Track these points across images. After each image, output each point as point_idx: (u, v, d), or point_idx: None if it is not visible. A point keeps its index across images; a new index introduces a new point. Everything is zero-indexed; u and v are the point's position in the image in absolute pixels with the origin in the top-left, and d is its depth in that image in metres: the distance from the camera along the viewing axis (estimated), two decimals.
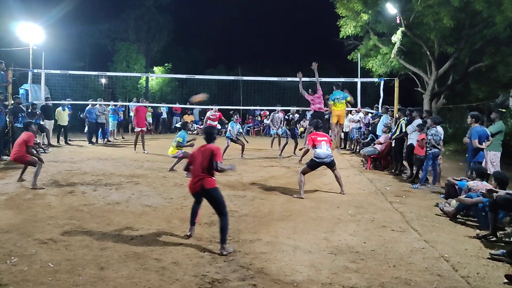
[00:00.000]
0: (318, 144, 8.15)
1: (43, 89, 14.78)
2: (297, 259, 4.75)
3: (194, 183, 5.29)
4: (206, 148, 5.34)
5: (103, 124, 16.94)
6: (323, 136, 8.33)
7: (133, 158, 12.37)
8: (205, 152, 5.30)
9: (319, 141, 8.17)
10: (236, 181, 9.27)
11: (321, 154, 8.09)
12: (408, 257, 4.92)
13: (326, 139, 8.27)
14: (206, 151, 5.30)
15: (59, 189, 7.93)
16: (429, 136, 9.07)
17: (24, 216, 6.06)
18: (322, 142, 8.17)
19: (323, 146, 8.14)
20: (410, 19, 15.80)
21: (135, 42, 30.26)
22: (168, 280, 4.07)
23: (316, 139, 8.21)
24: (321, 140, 8.20)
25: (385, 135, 11.64)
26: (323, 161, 8.13)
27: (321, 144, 8.15)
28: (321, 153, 8.09)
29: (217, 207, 5.15)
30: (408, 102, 16.94)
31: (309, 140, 8.32)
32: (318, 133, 8.42)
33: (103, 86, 27.36)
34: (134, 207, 6.81)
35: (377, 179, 10.20)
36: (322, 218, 6.51)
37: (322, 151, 8.11)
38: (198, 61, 36.84)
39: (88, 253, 4.66)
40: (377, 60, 18.34)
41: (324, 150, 8.12)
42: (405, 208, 7.33)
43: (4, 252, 4.60)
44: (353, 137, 16.15)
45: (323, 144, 8.15)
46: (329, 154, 8.15)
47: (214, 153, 5.23)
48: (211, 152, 5.25)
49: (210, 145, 5.42)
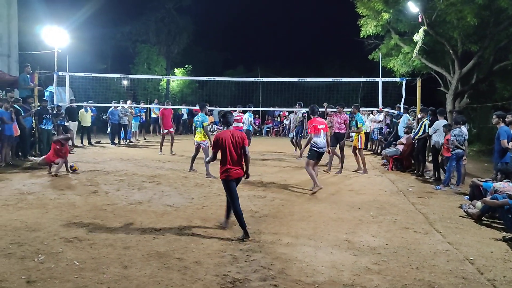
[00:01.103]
0: (318, 133, 8.41)
1: (67, 91, 15.10)
2: (318, 260, 4.73)
3: (237, 168, 5.49)
4: (236, 134, 5.54)
5: (125, 125, 17.20)
6: (321, 124, 8.56)
7: (155, 159, 12.52)
8: (237, 137, 5.50)
9: (319, 130, 8.43)
10: (256, 182, 9.29)
11: (319, 143, 8.39)
12: (432, 259, 4.85)
13: (324, 127, 8.54)
14: (237, 136, 5.50)
15: (83, 189, 8.09)
16: (453, 137, 8.92)
17: (50, 215, 6.21)
18: (321, 131, 8.45)
19: (321, 135, 8.44)
20: (432, 17, 15.53)
21: (155, 44, 30.64)
22: (190, 279, 4.11)
23: (317, 127, 8.43)
24: (320, 128, 8.46)
25: (406, 136, 11.49)
26: (322, 150, 8.45)
27: (320, 133, 8.43)
28: (319, 142, 8.39)
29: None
30: (430, 102, 16.67)
31: (312, 128, 8.45)
32: (316, 119, 8.57)
33: (125, 88, 27.77)
34: (156, 207, 6.90)
35: (399, 180, 10.08)
36: (343, 219, 6.47)
37: (320, 140, 8.42)
38: (217, 62, 37.08)
39: (112, 252, 4.75)
40: (398, 59, 18.09)
41: (322, 139, 8.45)
42: (428, 210, 7.22)
43: (32, 250, 4.73)
44: (374, 138, 15.99)
45: (322, 133, 8.45)
46: (325, 143, 8.49)
47: (245, 138, 5.53)
48: (243, 138, 5.51)
49: (238, 131, 5.68)
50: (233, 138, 5.48)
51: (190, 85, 31.38)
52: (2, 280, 3.92)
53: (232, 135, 5.51)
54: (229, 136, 5.49)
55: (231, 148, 5.45)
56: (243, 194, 7.97)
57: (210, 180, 9.31)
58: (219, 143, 5.46)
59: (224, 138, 5.47)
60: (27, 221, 5.82)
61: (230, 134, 5.51)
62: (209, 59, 36.68)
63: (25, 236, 5.20)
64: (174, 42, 31.57)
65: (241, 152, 5.51)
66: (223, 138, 5.46)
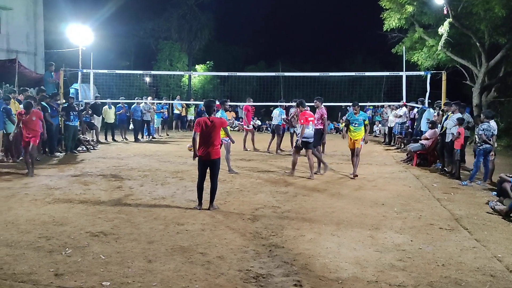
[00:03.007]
0: (308, 124, 9.19)
1: (92, 88, 15.36)
2: (341, 256, 4.69)
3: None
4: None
5: (148, 121, 17.41)
6: (311, 116, 9.39)
7: (178, 155, 12.64)
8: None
9: (309, 121, 9.22)
10: (278, 177, 9.28)
11: (308, 134, 9.21)
12: (458, 256, 4.75)
13: (312, 119, 9.42)
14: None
15: (108, 184, 8.24)
16: (481, 131, 8.71)
17: (77, 210, 6.34)
18: (310, 122, 9.27)
19: (310, 126, 9.26)
20: (458, 9, 15.18)
21: (177, 41, 30.87)
22: (213, 274, 4.14)
23: (307, 119, 9.19)
24: (310, 120, 9.28)
25: (431, 131, 11.26)
26: (308, 141, 9.24)
27: (310, 124, 9.25)
28: (308, 133, 9.19)
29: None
30: (456, 96, 16.28)
31: (304, 119, 9.14)
32: (306, 112, 9.29)
33: (147, 85, 28.11)
34: (179, 202, 6.96)
35: (424, 175, 9.91)
36: (366, 215, 6.40)
37: (309, 131, 9.24)
38: (238, 58, 37.12)
39: (136, 246, 4.82)
40: (423, 53, 17.78)
41: (310, 130, 9.27)
42: (454, 206, 7.08)
43: (59, 243, 4.84)
44: (396, 133, 15.75)
45: (311, 124, 9.29)
46: (312, 133, 9.32)
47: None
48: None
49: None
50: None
51: (212, 81, 31.52)
52: (32, 273, 4.03)
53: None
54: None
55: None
56: (265, 190, 7.99)
57: (232, 175, 9.35)
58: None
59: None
60: (54, 216, 5.96)
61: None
62: (230, 55, 36.76)
63: (53, 230, 5.33)
64: (196, 38, 31.72)
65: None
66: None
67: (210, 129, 6.40)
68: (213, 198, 6.59)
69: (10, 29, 22.40)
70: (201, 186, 6.57)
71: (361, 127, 9.47)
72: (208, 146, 6.40)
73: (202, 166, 6.55)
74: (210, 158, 6.43)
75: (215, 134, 6.44)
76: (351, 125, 9.52)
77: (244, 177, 9.22)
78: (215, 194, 6.65)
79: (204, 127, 6.40)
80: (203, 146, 6.43)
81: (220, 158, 6.61)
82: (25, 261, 4.30)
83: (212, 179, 6.53)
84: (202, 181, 6.57)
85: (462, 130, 9.30)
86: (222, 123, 6.68)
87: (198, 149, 6.49)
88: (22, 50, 22.44)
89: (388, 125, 17.04)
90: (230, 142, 8.54)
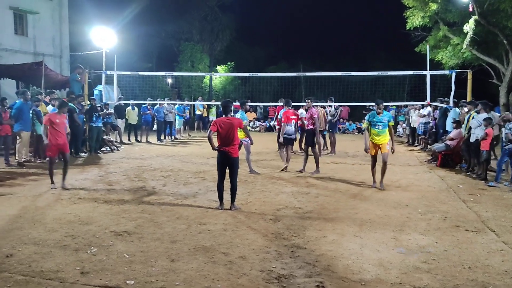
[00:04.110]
0: (290, 122, 9.83)
1: (115, 90, 15.61)
2: (364, 257, 4.64)
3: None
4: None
5: (170, 122, 17.58)
6: (293, 115, 10.02)
7: (199, 155, 12.73)
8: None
9: (290, 120, 9.85)
10: (300, 178, 9.24)
11: (289, 131, 9.86)
12: (485, 259, 4.64)
13: (295, 117, 10.02)
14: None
15: (131, 184, 8.36)
16: (508, 130, 8.49)
17: (101, 209, 6.45)
18: (292, 121, 9.89)
19: (292, 124, 9.88)
20: (484, 6, 14.85)
21: (199, 42, 31.10)
22: (235, 274, 4.15)
23: (289, 118, 9.82)
24: (292, 118, 9.91)
25: (456, 131, 11.02)
26: (290, 137, 9.92)
27: (291, 122, 9.87)
28: (289, 130, 9.85)
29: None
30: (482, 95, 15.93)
31: (285, 118, 9.82)
32: (289, 111, 9.94)
33: (169, 86, 28.39)
34: (201, 202, 7.01)
35: (449, 176, 9.72)
36: (389, 216, 6.31)
37: (291, 128, 9.87)
38: (259, 59, 37.10)
39: (159, 246, 4.87)
40: (447, 51, 17.47)
41: (292, 128, 9.90)
42: (480, 207, 6.92)
43: (85, 242, 4.94)
44: (420, 133, 15.49)
45: (293, 122, 9.90)
46: (294, 130, 9.97)
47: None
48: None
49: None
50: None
51: (233, 82, 31.64)
52: (59, 271, 4.12)
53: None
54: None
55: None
56: (287, 190, 7.97)
57: (254, 176, 9.36)
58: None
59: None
60: (79, 215, 6.08)
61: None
62: (251, 56, 36.80)
63: (78, 229, 5.44)
64: (217, 39, 31.89)
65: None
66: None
67: (227, 129, 6.47)
68: (234, 198, 6.61)
69: (37, 32, 23.04)
70: (221, 186, 6.61)
71: (385, 129, 8.14)
72: (226, 145, 6.48)
73: (221, 166, 6.61)
74: (229, 157, 6.50)
75: (233, 134, 6.49)
76: (373, 128, 8.17)
77: (265, 178, 9.22)
78: (236, 194, 6.68)
79: (221, 127, 6.47)
80: (222, 146, 6.51)
81: (238, 157, 6.66)
82: (52, 259, 4.40)
83: (231, 179, 6.58)
84: (222, 181, 6.61)
85: (490, 131, 9.03)
86: (239, 123, 6.72)
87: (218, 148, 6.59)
88: (48, 53, 23.06)
89: (411, 125, 16.78)
90: (250, 142, 8.55)
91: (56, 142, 7.88)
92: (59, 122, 7.97)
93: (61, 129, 8.01)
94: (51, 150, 7.98)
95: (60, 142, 7.95)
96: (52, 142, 7.87)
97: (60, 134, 7.95)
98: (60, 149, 8.04)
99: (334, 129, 13.85)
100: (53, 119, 7.94)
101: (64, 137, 8.11)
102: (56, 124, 7.89)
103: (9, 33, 21.66)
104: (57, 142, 7.90)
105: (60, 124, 7.98)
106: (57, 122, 7.91)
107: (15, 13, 21.94)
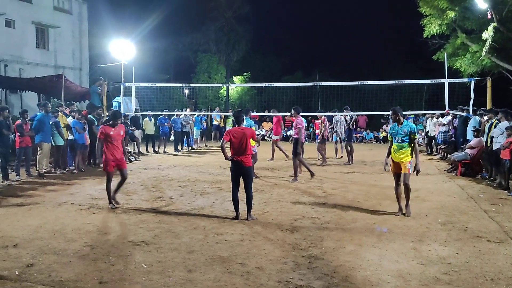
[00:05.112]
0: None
1: (133, 101, 15.85)
2: (383, 268, 4.57)
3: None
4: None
5: (187, 132, 17.72)
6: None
7: (216, 165, 12.78)
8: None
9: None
10: (317, 188, 9.18)
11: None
12: (508, 271, 4.52)
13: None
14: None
15: (149, 194, 8.43)
16: None
17: (119, 219, 6.52)
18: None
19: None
20: (503, 13, 14.66)
21: (215, 53, 31.38)
22: (252, 284, 4.13)
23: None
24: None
25: (476, 139, 10.83)
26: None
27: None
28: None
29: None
30: (502, 103, 15.64)
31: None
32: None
33: (186, 97, 28.67)
34: (218, 212, 7.02)
35: (469, 185, 9.54)
36: (409, 227, 6.21)
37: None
38: (275, 68, 37.24)
39: (177, 256, 4.89)
40: (465, 59, 17.24)
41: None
42: (503, 217, 6.76)
43: (103, 252, 4.98)
44: (440, 142, 15.26)
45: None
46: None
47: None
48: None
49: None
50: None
51: (249, 92, 31.76)
52: (78, 280, 4.17)
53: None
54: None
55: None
56: (304, 200, 7.93)
57: (270, 186, 9.34)
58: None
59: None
60: (98, 225, 6.15)
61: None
62: (267, 66, 36.96)
63: (97, 239, 5.50)
64: (233, 50, 32.12)
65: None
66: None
67: (240, 138, 6.51)
68: (250, 207, 6.61)
69: (58, 46, 23.62)
70: (235, 195, 6.62)
71: (406, 143, 6.77)
72: (239, 155, 6.52)
73: (234, 176, 6.65)
74: (242, 167, 6.53)
75: (245, 144, 6.53)
76: (394, 141, 6.90)
77: (282, 187, 9.19)
78: (252, 204, 6.67)
79: (234, 136, 6.51)
80: (235, 155, 6.56)
81: (251, 167, 6.73)
82: (72, 269, 4.46)
83: (246, 189, 6.59)
84: (236, 191, 6.63)
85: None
86: (251, 133, 6.78)
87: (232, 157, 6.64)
88: (68, 66, 23.61)
89: (430, 134, 16.56)
90: (256, 151, 8.69)
91: (114, 157, 7.28)
92: (113, 135, 7.27)
93: (117, 142, 7.35)
94: (109, 165, 7.29)
95: (118, 156, 7.33)
96: (108, 157, 7.25)
97: (116, 148, 7.30)
98: (118, 164, 7.39)
99: (351, 138, 13.75)
100: (108, 131, 7.25)
101: (121, 152, 7.42)
102: (111, 137, 7.23)
103: (31, 47, 22.28)
104: (115, 157, 7.29)
105: (115, 136, 7.29)
106: (111, 134, 7.23)
107: (37, 27, 22.58)
